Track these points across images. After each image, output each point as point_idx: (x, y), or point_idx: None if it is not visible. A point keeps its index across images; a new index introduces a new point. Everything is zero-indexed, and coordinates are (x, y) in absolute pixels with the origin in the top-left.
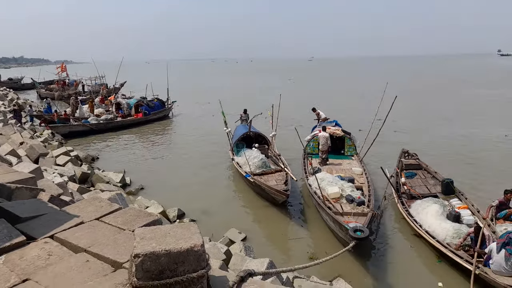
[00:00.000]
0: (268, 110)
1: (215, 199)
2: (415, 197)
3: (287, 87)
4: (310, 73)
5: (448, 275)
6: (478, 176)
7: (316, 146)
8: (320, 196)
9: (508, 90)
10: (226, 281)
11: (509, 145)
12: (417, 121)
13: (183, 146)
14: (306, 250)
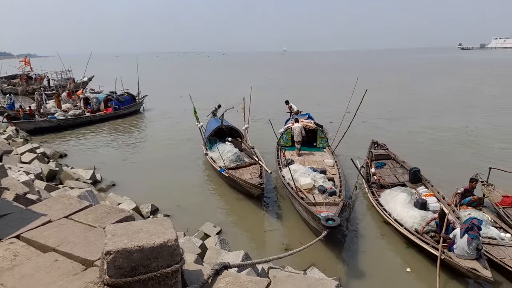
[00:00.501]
0: (239, 103)
1: (190, 194)
2: (385, 186)
3: (259, 81)
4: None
5: (416, 261)
6: (442, 165)
7: (289, 138)
8: (293, 187)
9: (469, 82)
10: (201, 275)
11: (470, 136)
12: (384, 112)
13: (155, 141)
14: (281, 241)
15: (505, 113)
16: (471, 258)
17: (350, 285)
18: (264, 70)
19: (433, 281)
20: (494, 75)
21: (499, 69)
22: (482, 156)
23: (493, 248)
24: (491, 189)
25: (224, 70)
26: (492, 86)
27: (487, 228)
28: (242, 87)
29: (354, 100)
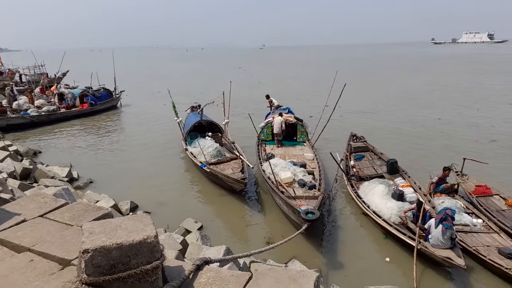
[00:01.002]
0: (219, 98)
1: (170, 190)
2: (364, 178)
3: (238, 75)
4: (262, 61)
5: (394, 251)
6: (418, 156)
7: (269, 133)
8: (274, 181)
9: (441, 76)
10: (182, 270)
11: (443, 127)
12: (361, 106)
13: (133, 137)
14: (263, 235)
15: (476, 105)
16: (446, 247)
17: (331, 276)
18: (242, 64)
19: (411, 270)
20: (465, 69)
21: (471, 63)
22: (456, 147)
23: (466, 236)
24: (465, 179)
25: (203, 64)
26: (464, 80)
27: (461, 215)
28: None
29: (333, 94)
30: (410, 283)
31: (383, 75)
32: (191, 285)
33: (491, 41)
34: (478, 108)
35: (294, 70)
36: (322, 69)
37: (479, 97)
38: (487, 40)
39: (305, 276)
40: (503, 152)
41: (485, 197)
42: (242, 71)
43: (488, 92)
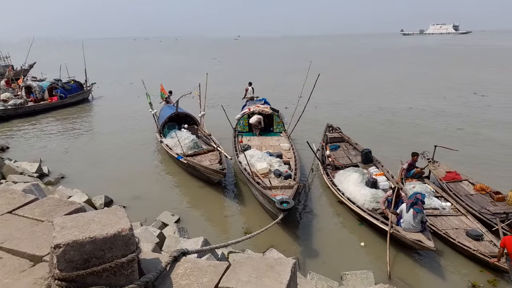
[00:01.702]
0: (195, 90)
1: (146, 184)
2: (339, 167)
3: (214, 66)
4: (237, 52)
5: (369, 236)
6: (391, 145)
7: (246, 124)
8: (250, 172)
9: (410, 66)
10: (159, 262)
11: (413, 116)
12: (335, 97)
13: (106, 130)
14: (241, 226)
15: (442, 94)
16: (417, 231)
17: (308, 263)
18: (217, 55)
19: (385, 253)
20: (432, 59)
21: (438, 54)
22: (426, 135)
23: (436, 219)
24: (436, 165)
25: (177, 55)
26: (431, 69)
27: (431, 199)
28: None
29: (307, 85)
30: (384, 266)
31: (356, 65)
32: (168, 277)
33: (456, 32)
34: (444, 97)
35: (268, 61)
36: (296, 60)
37: (446, 86)
38: (452, 31)
39: (282, 264)
40: (470, 139)
41: (454, 182)
42: (217, 62)
43: (453, 82)
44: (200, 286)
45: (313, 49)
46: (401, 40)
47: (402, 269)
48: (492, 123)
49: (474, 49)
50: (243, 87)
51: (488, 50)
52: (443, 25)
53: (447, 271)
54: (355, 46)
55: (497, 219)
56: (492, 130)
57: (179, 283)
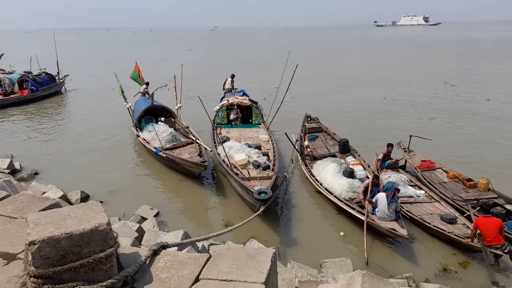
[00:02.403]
0: (170, 82)
1: (123, 178)
2: (317, 157)
3: (189, 58)
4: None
5: (347, 225)
6: (368, 135)
7: (224, 116)
8: (228, 164)
9: (383, 57)
10: (138, 256)
11: (388, 106)
12: (312, 87)
13: (81, 124)
14: (221, 218)
15: (415, 84)
16: (391, 219)
17: (289, 252)
18: (193, 47)
19: (362, 241)
20: (405, 50)
21: (410, 45)
22: (401, 125)
23: (412, 206)
24: (412, 155)
25: (152, 46)
26: (404, 60)
27: (405, 188)
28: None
29: (285, 76)
30: (362, 253)
31: (332, 57)
32: (148, 271)
33: (426, 23)
34: (417, 87)
35: (246, 53)
36: (274, 51)
37: (417, 77)
38: (423, 22)
39: (263, 253)
40: (443, 128)
41: (429, 171)
42: (192, 53)
43: (424, 72)
44: (181, 279)
45: (290, 40)
46: (375, 31)
47: (378, 255)
48: (462, 112)
49: (444, 40)
50: (219, 78)
51: (457, 41)
52: (414, 17)
53: (421, 255)
54: (330, 38)
55: (468, 205)
56: (462, 119)
57: (159, 276)
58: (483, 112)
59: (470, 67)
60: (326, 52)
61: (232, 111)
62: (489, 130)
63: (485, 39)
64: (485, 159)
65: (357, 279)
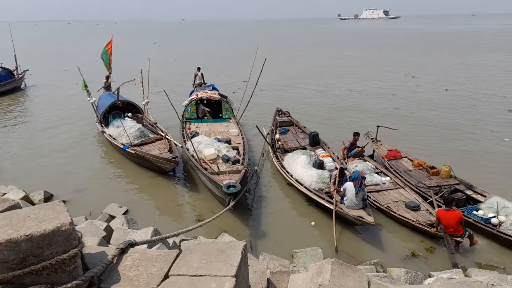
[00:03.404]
0: (137, 76)
1: (89, 176)
2: (288, 150)
3: (155, 51)
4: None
5: (317, 215)
6: (336, 127)
7: (194, 111)
8: (197, 159)
9: (348, 50)
10: (105, 256)
11: (354, 98)
12: (280, 80)
13: (43, 121)
14: (193, 213)
15: (377, 76)
16: (358, 208)
17: (261, 244)
18: (158, 40)
19: (332, 230)
20: (368, 44)
21: (372, 38)
22: (368, 116)
23: (378, 195)
24: (379, 144)
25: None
26: (367, 53)
27: (372, 176)
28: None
29: (250, 70)
30: (332, 242)
31: (298, 50)
32: (116, 270)
33: (386, 17)
34: (379, 80)
35: (212, 45)
36: (239, 44)
37: (379, 69)
38: (383, 16)
39: (233, 247)
40: (407, 118)
41: (395, 160)
42: (157, 47)
43: (385, 64)
44: (150, 276)
45: (257, 33)
46: (339, 24)
47: (348, 243)
48: (424, 103)
49: (403, 33)
50: (185, 72)
51: (416, 34)
52: (375, 10)
53: (389, 242)
54: (296, 31)
55: (431, 191)
56: (425, 109)
57: (127, 274)
58: (442, 102)
59: (427, 59)
60: (293, 46)
61: (200, 109)
62: (449, 119)
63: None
64: (447, 147)
65: (326, 267)
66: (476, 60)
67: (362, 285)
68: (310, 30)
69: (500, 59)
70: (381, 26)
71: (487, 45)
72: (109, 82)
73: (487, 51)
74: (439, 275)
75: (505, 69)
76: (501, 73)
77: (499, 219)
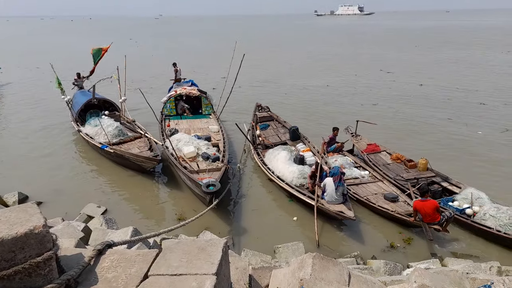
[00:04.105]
0: (113, 73)
1: (66, 176)
2: (269, 146)
3: (131, 48)
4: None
5: (299, 210)
6: (316, 121)
7: (173, 107)
8: (177, 157)
9: (325, 46)
10: (82, 258)
11: (332, 94)
12: (259, 76)
13: (16, 120)
14: (174, 212)
15: (353, 72)
16: (339, 203)
17: (243, 241)
18: (134, 36)
19: (314, 225)
20: (343, 40)
21: (347, 34)
22: (347, 111)
23: (358, 188)
24: (359, 139)
25: (91, 36)
26: (343, 49)
27: (351, 170)
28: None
29: (229, 65)
30: (313, 236)
31: (276, 46)
32: (93, 272)
33: (361, 13)
34: (355, 74)
35: (189, 41)
36: (216, 40)
37: (355, 64)
38: (358, 12)
39: (214, 245)
40: (385, 112)
41: (374, 154)
42: (134, 43)
43: (360, 60)
44: (128, 277)
45: (236, 29)
46: (316, 21)
47: (329, 237)
48: (401, 97)
49: (378, 29)
50: (162, 68)
51: (390, 30)
52: (350, 7)
53: (369, 235)
54: (274, 27)
55: (409, 184)
56: (401, 103)
57: (105, 276)
58: (418, 96)
59: (401, 55)
60: (270, 42)
61: (179, 105)
62: (425, 113)
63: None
64: (424, 140)
65: (307, 261)
66: (448, 56)
67: (343, 278)
68: (288, 26)
69: (470, 54)
70: (356, 22)
71: (459, 41)
72: (82, 80)
73: (459, 47)
74: (417, 266)
75: (475, 63)
76: (472, 68)
77: (474, 210)
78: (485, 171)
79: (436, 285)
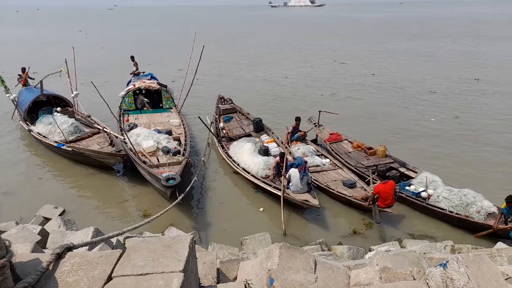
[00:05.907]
0: (62, 66)
1: (18, 178)
2: (233, 138)
3: (80, 40)
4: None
5: (265, 201)
6: (278, 112)
7: (132, 101)
8: (135, 152)
9: (280, 38)
10: (39, 263)
11: (292, 84)
12: (216, 68)
13: None
14: (139, 209)
15: (309, 63)
16: (304, 192)
17: (210, 235)
18: (84, 27)
19: (280, 215)
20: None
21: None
22: (307, 101)
23: (319, 175)
24: (322, 129)
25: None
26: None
27: (313, 158)
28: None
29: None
30: (280, 226)
31: (233, 38)
32: (52, 277)
33: (312, 5)
34: (311, 66)
35: (143, 33)
36: (171, 32)
37: (310, 56)
38: (309, 4)
39: (180, 241)
40: (344, 102)
41: (336, 143)
42: (84, 35)
43: (314, 51)
44: (91, 280)
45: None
46: (270, 12)
47: (295, 226)
48: (356, 87)
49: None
50: (115, 61)
51: (342, 21)
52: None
53: (333, 221)
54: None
55: (369, 171)
56: (357, 92)
57: (66, 281)
58: (372, 86)
59: (353, 46)
60: (227, 34)
61: (138, 99)
62: (381, 102)
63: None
64: (382, 128)
65: (275, 251)
66: (398, 46)
67: (309, 266)
68: (244, 17)
69: (419, 44)
70: (308, 14)
71: (409, 32)
72: (26, 77)
73: (409, 38)
74: (378, 249)
75: (425, 54)
76: (420, 58)
77: (428, 193)
78: (439, 156)
79: (396, 266)
